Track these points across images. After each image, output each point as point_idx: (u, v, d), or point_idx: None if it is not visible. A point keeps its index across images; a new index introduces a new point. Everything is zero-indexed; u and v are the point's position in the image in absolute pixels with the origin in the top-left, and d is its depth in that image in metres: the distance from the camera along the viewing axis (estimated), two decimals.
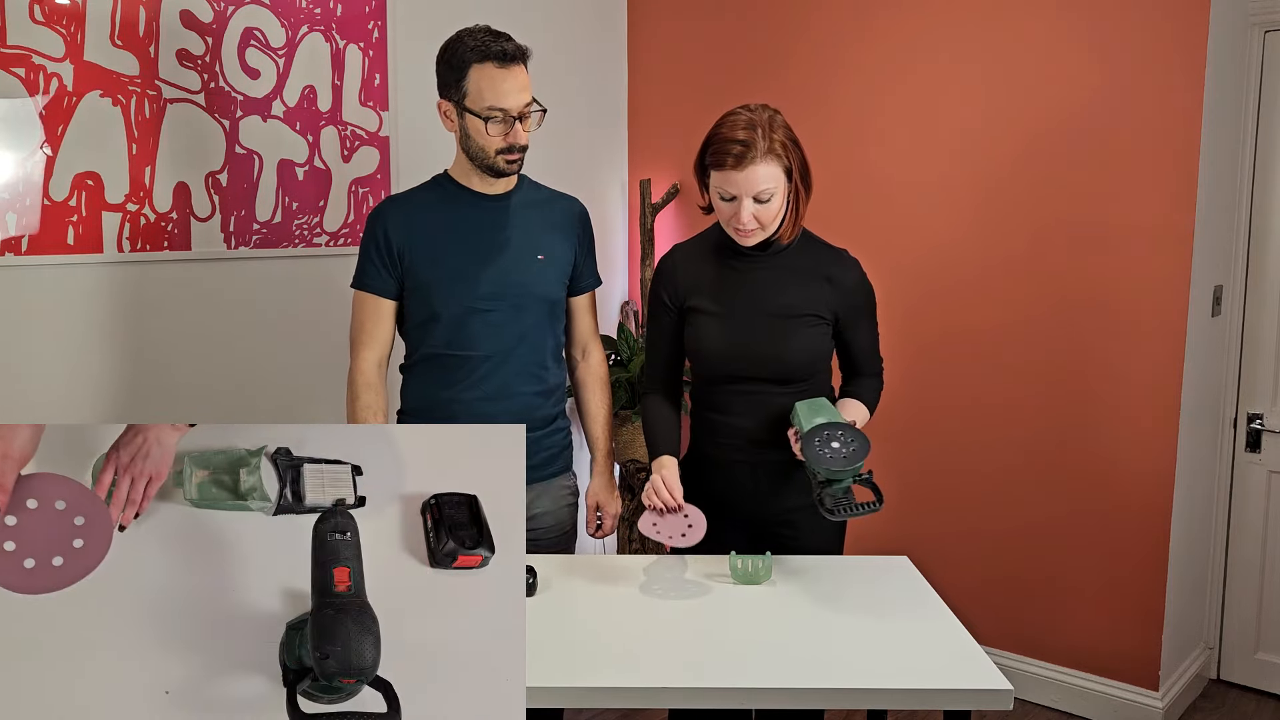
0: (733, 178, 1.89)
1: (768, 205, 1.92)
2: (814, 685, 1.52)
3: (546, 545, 2.16)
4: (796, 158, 1.94)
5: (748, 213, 1.91)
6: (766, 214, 1.93)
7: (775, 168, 1.90)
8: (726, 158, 1.88)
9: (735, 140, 1.88)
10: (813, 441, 1.82)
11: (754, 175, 1.88)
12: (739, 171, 1.88)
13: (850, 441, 1.81)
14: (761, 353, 2.00)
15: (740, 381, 2.04)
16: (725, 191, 1.92)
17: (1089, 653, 2.99)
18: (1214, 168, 2.83)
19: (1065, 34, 2.86)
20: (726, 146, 1.89)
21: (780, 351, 2.00)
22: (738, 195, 1.90)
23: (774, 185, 1.90)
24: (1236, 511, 3.17)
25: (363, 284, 2.10)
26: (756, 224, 1.93)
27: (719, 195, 1.94)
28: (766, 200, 1.91)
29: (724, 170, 1.90)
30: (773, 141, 1.89)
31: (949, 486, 3.17)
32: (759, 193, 1.89)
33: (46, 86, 2.28)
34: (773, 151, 1.89)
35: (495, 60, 1.96)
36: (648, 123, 3.75)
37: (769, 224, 1.95)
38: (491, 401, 2.08)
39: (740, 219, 1.92)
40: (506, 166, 2.04)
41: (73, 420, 2.38)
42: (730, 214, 1.94)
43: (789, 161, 1.92)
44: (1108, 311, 2.86)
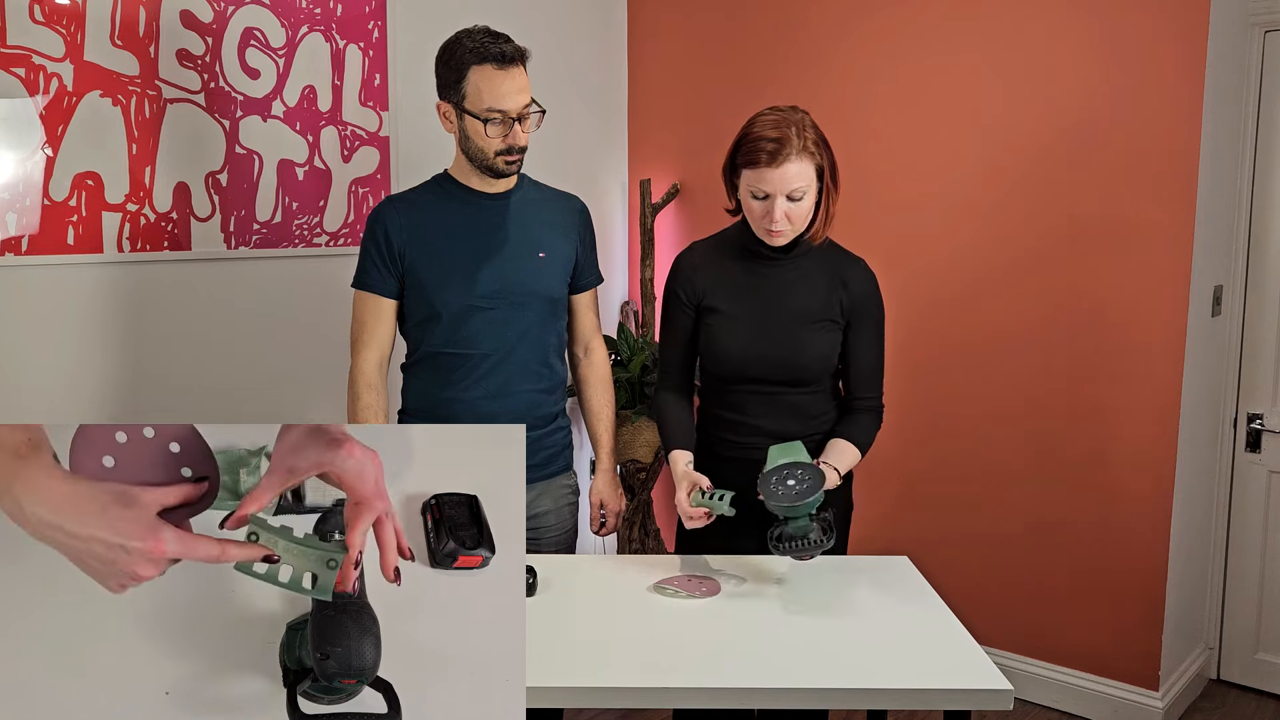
0: (767, 175, 1.90)
1: (799, 204, 1.93)
2: (814, 685, 1.52)
3: (547, 544, 2.16)
4: (827, 157, 1.95)
5: (780, 211, 1.91)
6: (798, 213, 1.93)
7: (808, 166, 1.91)
8: (760, 154, 1.89)
9: (769, 138, 1.89)
10: (770, 479, 1.81)
11: (788, 173, 1.89)
12: (774, 169, 1.89)
13: (805, 479, 1.79)
14: (778, 356, 2.02)
15: (755, 383, 2.05)
16: (758, 190, 1.92)
17: (1089, 653, 2.99)
18: (1214, 168, 2.83)
19: (1065, 34, 2.86)
20: (760, 144, 1.90)
21: (797, 356, 2.01)
22: (771, 194, 1.91)
23: (806, 184, 1.92)
24: (1236, 511, 3.17)
25: (363, 283, 2.10)
26: (788, 223, 1.93)
27: (751, 194, 1.95)
28: (799, 199, 1.92)
29: (758, 168, 1.90)
30: (805, 140, 1.90)
31: (949, 486, 3.17)
32: (792, 191, 1.90)
33: (46, 86, 2.28)
34: (806, 150, 1.90)
35: (494, 62, 1.96)
36: (648, 123, 3.75)
37: (799, 223, 1.96)
38: (493, 400, 2.08)
39: (773, 217, 1.92)
40: (505, 167, 2.04)
41: (73, 420, 2.38)
42: (762, 213, 1.94)
43: (821, 160, 1.94)
44: (1107, 311, 2.86)
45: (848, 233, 3.27)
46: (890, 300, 3.24)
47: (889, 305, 3.35)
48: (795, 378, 2.03)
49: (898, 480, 3.25)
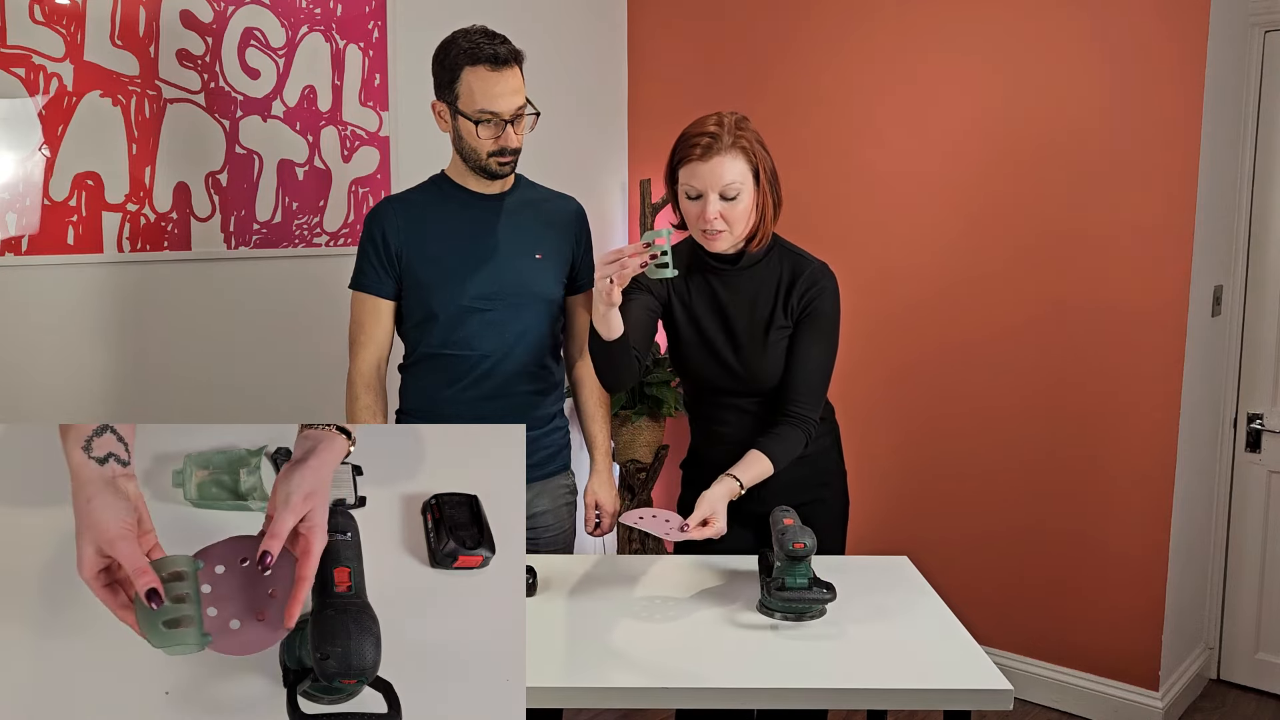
0: (698, 170, 1.88)
1: (734, 203, 1.89)
2: (814, 685, 1.52)
3: (546, 544, 2.16)
4: (765, 162, 1.92)
5: (714, 209, 1.88)
6: (733, 213, 1.90)
7: (741, 163, 1.89)
8: (694, 149, 1.88)
9: (702, 133, 1.88)
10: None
11: (719, 168, 1.87)
12: (705, 163, 1.87)
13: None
14: (738, 370, 2.00)
15: (723, 394, 2.04)
16: (692, 188, 1.90)
17: (1089, 653, 2.98)
18: (1214, 168, 2.83)
19: (1065, 34, 2.86)
20: (693, 140, 1.89)
21: (756, 369, 2.00)
22: (704, 190, 1.89)
23: (740, 181, 1.89)
24: (1236, 511, 3.17)
25: (361, 285, 2.10)
26: (724, 223, 1.90)
27: (686, 194, 1.93)
28: (733, 197, 1.89)
29: (690, 163, 1.89)
30: (738, 137, 1.89)
31: (949, 486, 3.17)
32: (725, 187, 1.88)
33: (46, 86, 2.28)
34: (739, 146, 1.88)
35: (487, 63, 1.95)
36: (648, 123, 3.75)
37: (736, 226, 1.92)
38: (490, 400, 2.08)
39: (707, 216, 1.89)
40: (499, 168, 2.04)
41: (73, 420, 2.38)
42: (697, 213, 1.91)
43: (756, 162, 1.91)
44: (1107, 312, 2.86)
45: (849, 232, 3.28)
46: (890, 300, 3.27)
47: (889, 304, 3.35)
48: (759, 390, 2.01)
49: (898, 480, 3.25)
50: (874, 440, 3.26)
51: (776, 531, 1.75)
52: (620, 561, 2.03)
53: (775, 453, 1.94)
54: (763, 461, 1.93)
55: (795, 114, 3.35)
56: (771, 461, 1.93)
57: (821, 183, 3.30)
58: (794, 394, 1.98)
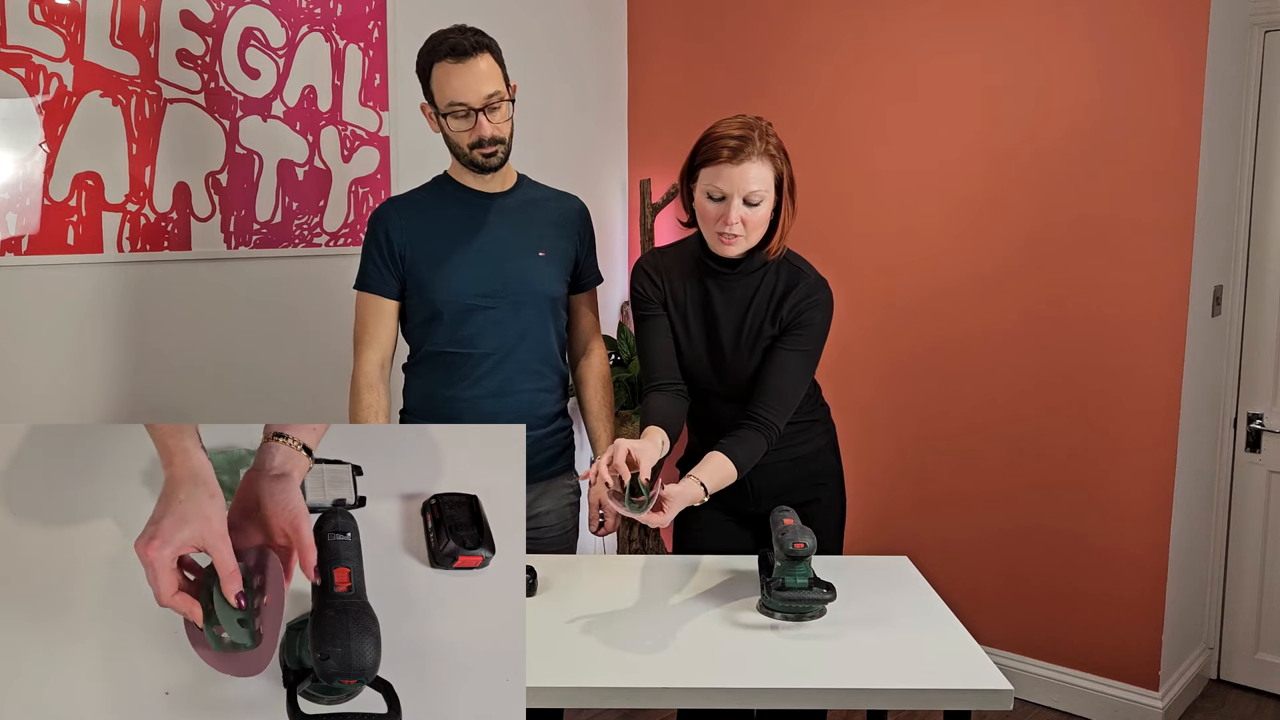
0: (726, 173, 1.85)
1: (756, 210, 1.88)
2: (814, 685, 1.52)
3: (548, 544, 2.16)
4: (787, 169, 1.91)
5: (736, 213, 1.86)
6: (753, 219, 1.89)
7: (768, 170, 1.87)
8: (722, 151, 1.85)
9: (732, 135, 1.86)
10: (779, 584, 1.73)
11: (748, 172, 1.85)
12: (734, 166, 1.85)
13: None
14: (735, 373, 2.00)
15: (714, 395, 2.04)
16: (716, 190, 1.88)
17: (1089, 653, 2.99)
18: (1214, 168, 2.83)
19: (1065, 34, 2.86)
20: (722, 141, 1.86)
21: (738, 375, 1.99)
22: (729, 194, 1.86)
23: (764, 189, 1.87)
24: (1236, 511, 3.17)
25: (365, 285, 2.10)
26: (743, 228, 1.88)
27: (707, 195, 1.90)
28: (756, 204, 1.87)
29: (717, 164, 1.86)
30: (768, 144, 1.87)
31: (949, 486, 3.17)
32: (750, 193, 1.86)
33: (46, 86, 2.28)
34: (768, 153, 1.87)
35: (449, 56, 1.95)
36: (648, 123, 3.75)
37: (754, 233, 1.91)
38: (494, 399, 2.08)
39: (728, 219, 1.87)
40: (484, 160, 2.03)
41: (73, 420, 2.38)
42: (717, 215, 1.89)
43: (780, 170, 1.89)
44: (1107, 311, 2.86)
45: (847, 232, 3.28)
46: (889, 299, 3.27)
47: (888, 304, 3.35)
48: (745, 393, 1.99)
49: (898, 480, 3.25)
50: (874, 440, 3.26)
51: (776, 531, 1.75)
52: (620, 561, 2.03)
53: (739, 458, 1.89)
54: (727, 467, 1.88)
55: (795, 113, 3.35)
56: (736, 468, 1.88)
57: (820, 182, 3.29)
58: (765, 399, 1.94)
